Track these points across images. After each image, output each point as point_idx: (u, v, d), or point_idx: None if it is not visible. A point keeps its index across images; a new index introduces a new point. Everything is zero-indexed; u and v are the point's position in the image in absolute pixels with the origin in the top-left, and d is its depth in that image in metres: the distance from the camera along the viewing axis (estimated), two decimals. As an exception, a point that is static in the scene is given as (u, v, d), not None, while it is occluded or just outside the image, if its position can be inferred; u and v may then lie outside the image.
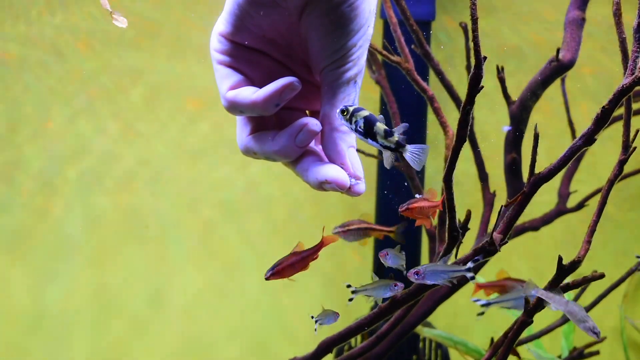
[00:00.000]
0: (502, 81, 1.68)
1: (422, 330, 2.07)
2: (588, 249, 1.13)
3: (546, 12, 2.85)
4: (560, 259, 1.14)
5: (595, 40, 2.64)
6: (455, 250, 1.13)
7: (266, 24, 0.73)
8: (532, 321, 1.21)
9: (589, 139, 0.99)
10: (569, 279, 1.17)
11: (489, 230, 1.74)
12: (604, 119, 0.97)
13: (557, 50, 1.60)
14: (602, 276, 1.18)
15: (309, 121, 0.72)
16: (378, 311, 1.32)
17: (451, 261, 1.17)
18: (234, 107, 0.74)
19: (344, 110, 0.72)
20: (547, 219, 1.98)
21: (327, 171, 0.71)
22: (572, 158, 1.02)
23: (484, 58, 0.84)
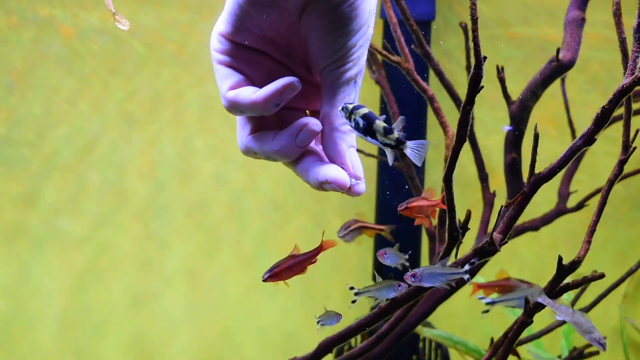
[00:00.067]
0: (502, 81, 1.68)
1: (422, 330, 2.07)
2: (588, 249, 1.13)
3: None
4: (560, 259, 1.14)
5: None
6: (455, 250, 1.13)
7: (266, 24, 0.73)
8: (532, 321, 1.21)
9: (589, 139, 0.99)
10: (569, 279, 1.17)
11: (489, 230, 1.74)
12: (604, 119, 0.97)
13: (557, 50, 1.60)
14: (602, 276, 1.18)
15: (309, 121, 0.72)
16: (378, 311, 1.32)
17: (451, 261, 1.17)
18: (234, 107, 0.74)
19: (344, 107, 0.72)
20: (547, 219, 1.98)
21: (327, 171, 0.72)
22: (572, 158, 1.02)
23: (484, 58, 0.84)
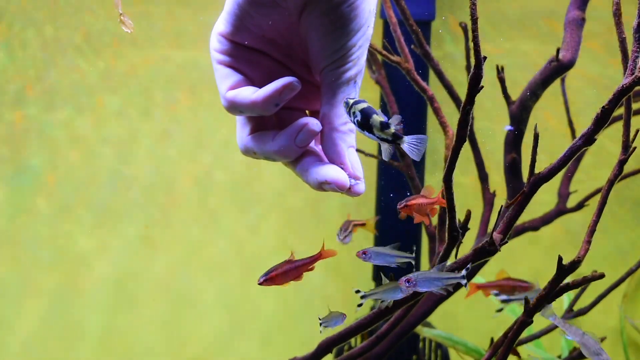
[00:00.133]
0: (502, 81, 1.68)
1: (422, 330, 2.07)
2: (588, 249, 1.13)
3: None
4: (560, 259, 1.14)
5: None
6: (455, 250, 1.13)
7: (266, 24, 0.73)
8: (532, 321, 1.21)
9: (589, 139, 0.99)
10: (569, 279, 1.17)
11: (489, 230, 1.74)
12: (604, 119, 0.97)
13: (557, 50, 1.60)
14: (602, 276, 1.18)
15: (309, 121, 0.72)
16: (378, 311, 1.32)
17: (451, 261, 1.17)
18: (233, 107, 0.74)
19: (345, 102, 0.72)
20: (547, 219, 1.98)
21: (326, 171, 0.71)
22: (572, 158, 1.02)
23: (484, 58, 0.84)
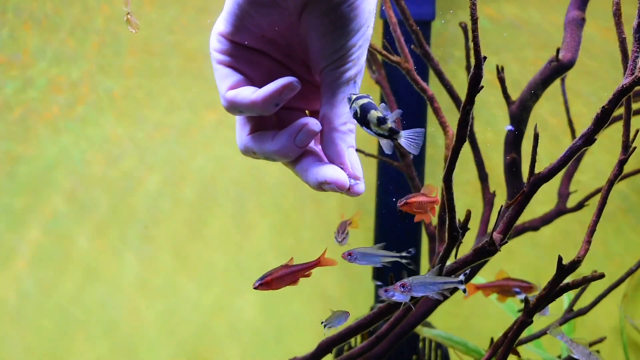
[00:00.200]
0: (502, 81, 1.68)
1: (422, 330, 2.07)
2: (588, 249, 1.13)
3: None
4: (560, 259, 1.14)
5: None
6: (455, 250, 1.13)
7: (266, 24, 0.73)
8: (532, 321, 1.22)
9: (589, 139, 0.99)
10: (569, 279, 1.17)
11: (489, 230, 1.74)
12: (604, 119, 0.97)
13: (557, 50, 1.60)
14: (602, 276, 1.19)
15: (309, 121, 0.72)
16: (378, 311, 1.32)
17: (451, 261, 1.17)
18: (233, 107, 0.74)
19: (349, 98, 0.72)
20: (547, 219, 1.98)
21: (326, 172, 0.71)
22: (572, 158, 1.02)
23: (484, 58, 0.84)
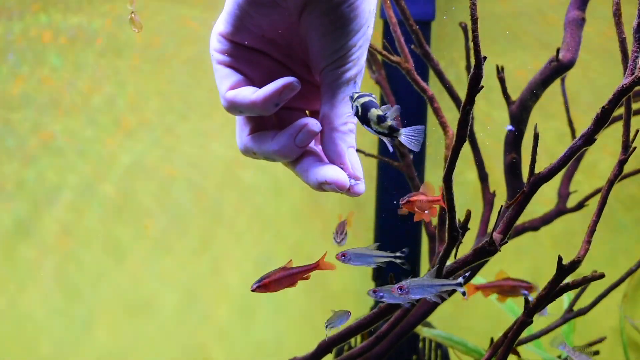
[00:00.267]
0: (502, 81, 1.68)
1: (422, 330, 2.07)
2: (588, 249, 1.13)
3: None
4: (560, 259, 1.14)
5: None
6: (455, 250, 1.13)
7: (266, 24, 0.73)
8: (532, 321, 1.21)
9: (589, 139, 0.99)
10: (569, 279, 1.17)
11: (489, 230, 1.73)
12: (604, 119, 0.97)
13: (557, 50, 1.60)
14: (602, 276, 1.19)
15: (309, 121, 0.72)
16: (378, 311, 1.32)
17: (450, 261, 1.17)
18: (233, 107, 0.74)
19: (351, 96, 0.72)
20: (547, 219, 1.98)
21: (326, 172, 0.71)
22: (572, 158, 1.02)
23: (484, 58, 0.84)
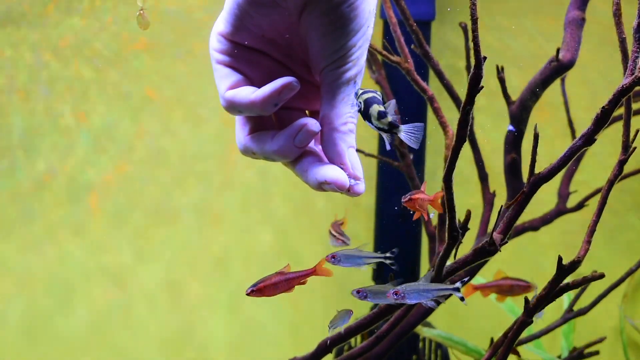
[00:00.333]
0: (502, 81, 1.68)
1: (422, 330, 2.07)
2: (588, 249, 1.13)
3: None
4: (560, 259, 1.14)
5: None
6: (455, 250, 1.13)
7: (266, 24, 0.73)
8: (532, 321, 1.22)
9: (589, 139, 0.99)
10: (569, 279, 1.17)
11: (489, 230, 1.74)
12: (604, 119, 0.97)
13: (557, 50, 1.60)
14: (602, 276, 1.19)
15: (308, 121, 0.72)
16: (378, 311, 1.32)
17: (450, 261, 1.17)
18: (232, 107, 0.73)
19: (355, 92, 0.73)
20: (547, 219, 1.98)
21: (326, 172, 0.71)
22: (572, 158, 1.02)
23: (484, 58, 0.84)
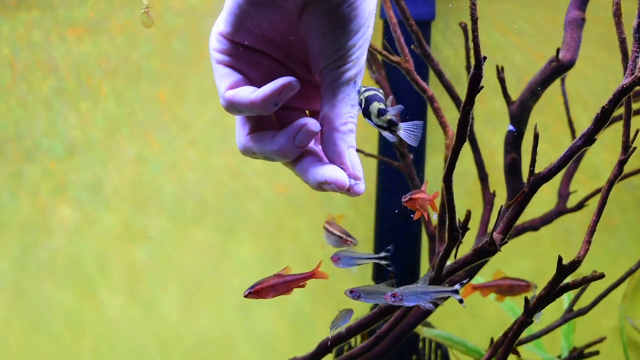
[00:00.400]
0: (502, 81, 1.68)
1: (422, 330, 2.07)
2: (588, 249, 1.13)
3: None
4: (560, 259, 1.14)
5: None
6: (455, 250, 1.13)
7: (266, 24, 0.73)
8: (532, 321, 1.22)
9: (589, 139, 0.99)
10: (569, 279, 1.17)
11: (489, 230, 1.74)
12: (604, 119, 0.97)
13: (557, 50, 1.60)
14: (602, 276, 1.19)
15: (308, 121, 0.72)
16: (378, 311, 1.32)
17: (450, 261, 1.17)
18: (232, 107, 0.73)
19: (358, 90, 0.73)
20: (547, 219, 1.98)
21: (326, 172, 0.71)
22: (572, 158, 1.02)
23: (484, 58, 0.84)
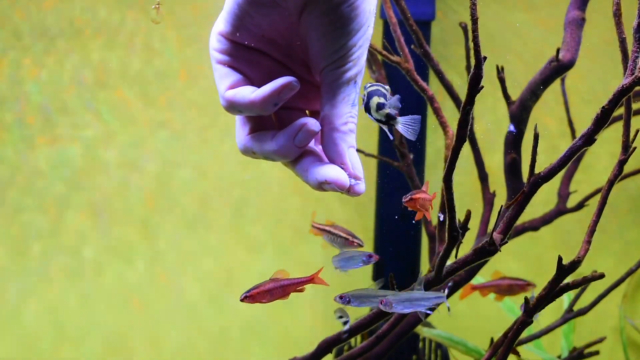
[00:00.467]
0: (502, 81, 1.68)
1: (422, 330, 2.07)
2: (588, 249, 1.13)
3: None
4: (560, 259, 1.14)
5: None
6: (455, 250, 1.13)
7: (266, 24, 0.73)
8: (532, 321, 1.22)
9: (589, 139, 0.99)
10: (569, 279, 1.17)
11: (489, 230, 1.74)
12: (604, 119, 0.97)
13: (557, 50, 1.60)
14: (602, 276, 1.19)
15: (308, 121, 0.72)
16: (378, 311, 1.32)
17: (451, 261, 1.17)
18: (232, 107, 0.74)
19: (364, 86, 0.75)
20: (547, 219, 1.98)
21: (326, 171, 0.71)
22: (572, 158, 1.02)
23: (484, 58, 0.84)
